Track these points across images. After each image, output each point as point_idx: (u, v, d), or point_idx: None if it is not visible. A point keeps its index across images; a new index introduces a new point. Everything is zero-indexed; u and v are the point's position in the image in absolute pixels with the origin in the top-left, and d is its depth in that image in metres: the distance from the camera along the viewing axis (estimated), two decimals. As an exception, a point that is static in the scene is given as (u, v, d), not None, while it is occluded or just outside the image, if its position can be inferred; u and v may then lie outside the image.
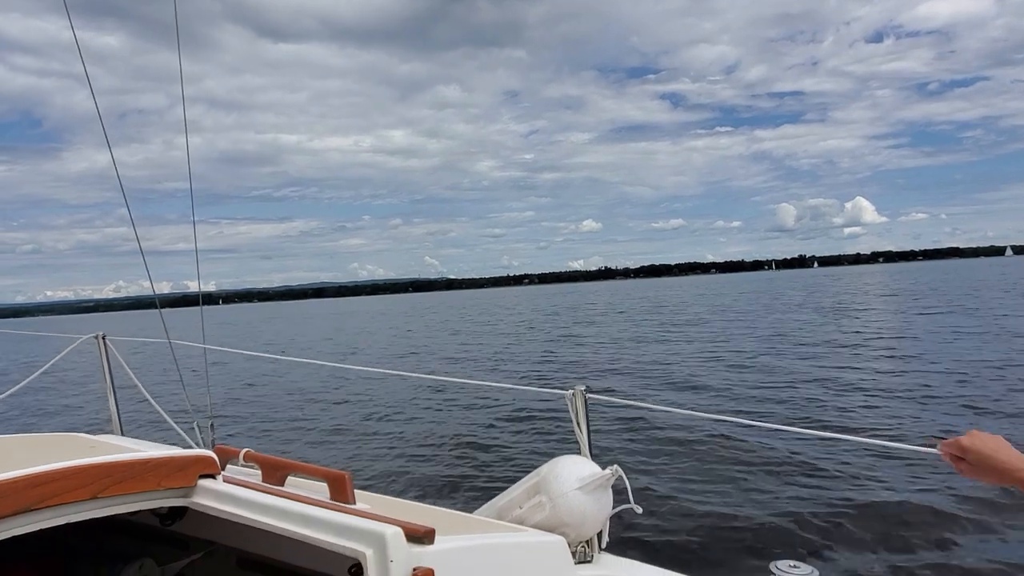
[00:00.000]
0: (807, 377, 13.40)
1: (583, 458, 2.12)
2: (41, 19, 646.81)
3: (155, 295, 3.60)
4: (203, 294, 3.67)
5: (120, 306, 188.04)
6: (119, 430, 3.51)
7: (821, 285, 75.81)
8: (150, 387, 3.65)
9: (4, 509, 1.46)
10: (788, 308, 37.02)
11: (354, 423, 13.04)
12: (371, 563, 1.39)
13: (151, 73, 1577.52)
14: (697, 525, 6.12)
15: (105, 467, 1.66)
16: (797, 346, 18.85)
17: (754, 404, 11.59)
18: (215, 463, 1.88)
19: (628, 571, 1.95)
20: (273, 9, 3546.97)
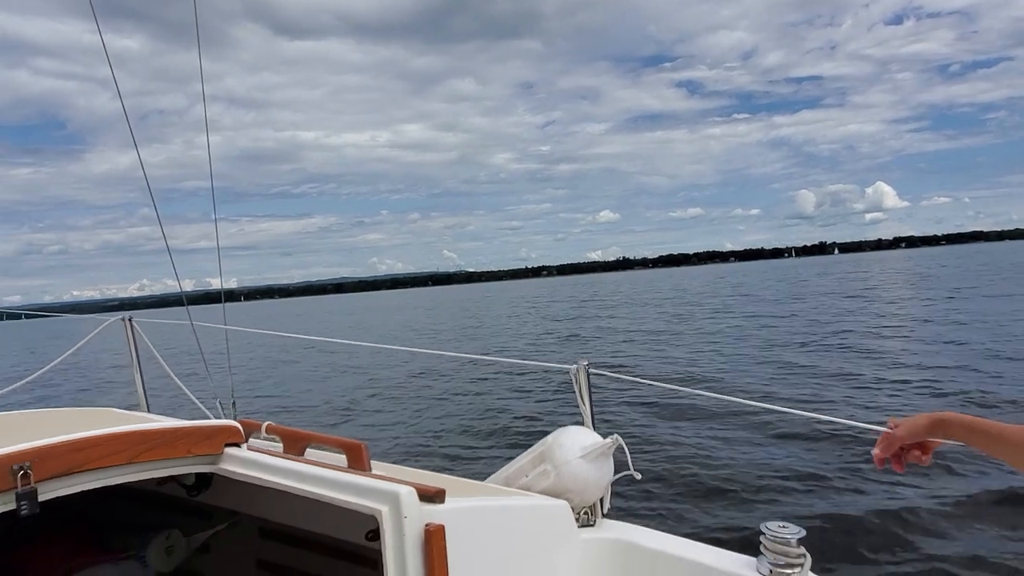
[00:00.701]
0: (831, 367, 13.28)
1: (586, 429, 2.21)
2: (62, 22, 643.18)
3: (181, 291, 3.76)
4: (225, 291, 3.81)
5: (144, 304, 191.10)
6: (145, 408, 3.66)
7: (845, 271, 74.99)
8: (174, 368, 3.80)
9: (47, 472, 1.57)
10: (815, 294, 36.70)
11: (369, 399, 13.50)
12: (386, 520, 1.49)
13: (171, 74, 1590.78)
14: (692, 491, 6.55)
15: (139, 434, 1.77)
16: (818, 333, 18.67)
17: (759, 387, 11.84)
18: (240, 432, 1.99)
19: (628, 534, 2.04)
20: (290, 6, 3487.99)
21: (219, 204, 3.41)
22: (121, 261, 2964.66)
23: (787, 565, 1.68)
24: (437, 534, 1.50)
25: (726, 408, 9.53)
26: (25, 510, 1.53)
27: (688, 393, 9.80)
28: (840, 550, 5.10)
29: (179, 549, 2.57)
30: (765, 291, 44.23)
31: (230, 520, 2.53)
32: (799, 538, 1.70)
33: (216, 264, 3.77)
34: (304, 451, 2.05)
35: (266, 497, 2.30)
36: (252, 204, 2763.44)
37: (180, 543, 2.58)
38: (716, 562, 1.82)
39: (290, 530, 2.35)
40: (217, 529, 2.54)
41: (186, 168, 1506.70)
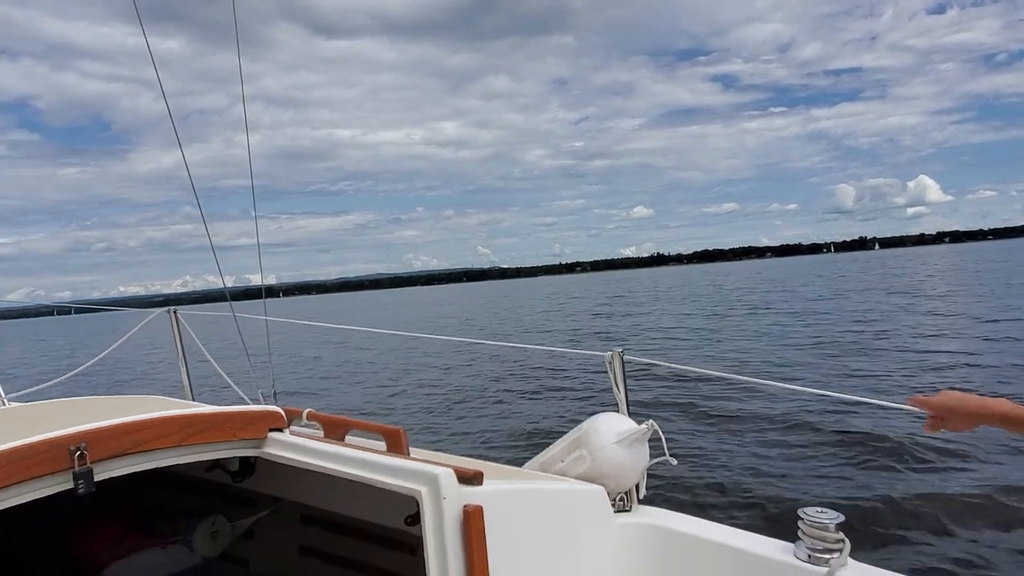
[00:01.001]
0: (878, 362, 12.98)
1: (621, 415, 2.22)
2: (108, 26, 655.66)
3: (224, 287, 3.87)
4: (264, 287, 3.91)
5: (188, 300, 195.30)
6: (190, 396, 3.76)
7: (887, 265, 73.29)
8: (216, 360, 3.90)
9: (102, 453, 1.64)
10: (857, 290, 35.81)
11: (406, 388, 13.75)
12: (426, 500, 1.52)
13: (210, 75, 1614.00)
14: (728, 477, 6.52)
15: (188, 418, 1.83)
16: (862, 331, 18.07)
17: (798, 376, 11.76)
18: (282, 417, 2.04)
19: (664, 520, 2.04)
20: (326, 6, 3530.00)
21: (258, 202, 3.49)
22: (164, 258, 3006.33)
23: (825, 550, 1.67)
24: (475, 515, 1.52)
25: (761, 394, 9.56)
26: (82, 489, 1.59)
27: (722, 379, 10.09)
28: (880, 535, 5.06)
29: (224, 534, 2.64)
30: (804, 287, 43.33)
31: (272, 507, 2.59)
32: (837, 523, 1.68)
33: (256, 260, 3.86)
34: (344, 437, 2.09)
35: (307, 484, 2.35)
36: (290, 202, 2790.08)
37: (225, 529, 2.65)
38: (753, 547, 1.81)
39: (331, 516, 2.40)
40: (260, 515, 2.60)
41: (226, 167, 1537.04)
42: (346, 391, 14.29)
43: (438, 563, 1.51)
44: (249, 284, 6.50)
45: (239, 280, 4.05)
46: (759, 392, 9.66)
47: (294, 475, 2.34)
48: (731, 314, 26.56)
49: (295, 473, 2.29)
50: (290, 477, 2.38)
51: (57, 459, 1.57)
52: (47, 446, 1.57)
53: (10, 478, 1.50)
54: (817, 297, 32.46)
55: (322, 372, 17.69)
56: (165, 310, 4.05)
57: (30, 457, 1.54)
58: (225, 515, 2.66)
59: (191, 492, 2.76)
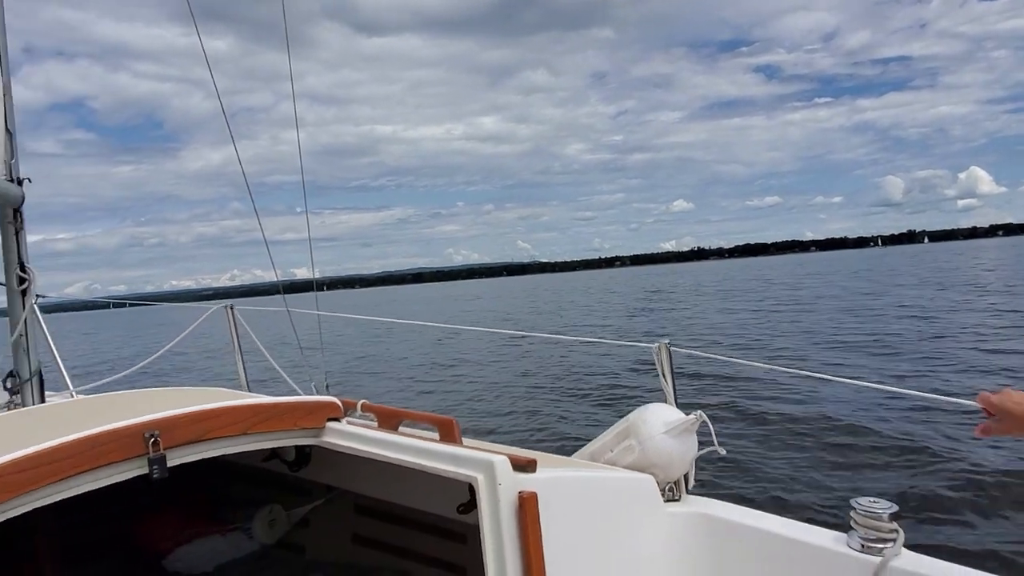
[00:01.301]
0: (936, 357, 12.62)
1: (669, 406, 2.24)
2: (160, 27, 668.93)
3: (278, 280, 3.99)
4: (308, 281, 4.01)
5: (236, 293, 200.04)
6: (246, 388, 3.88)
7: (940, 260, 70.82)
8: (271, 353, 4.02)
9: (174, 440, 1.72)
10: (912, 284, 34.48)
11: (455, 380, 13.94)
12: (482, 487, 1.56)
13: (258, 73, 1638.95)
14: (777, 468, 6.48)
15: (252, 408, 1.91)
16: (914, 326, 17.45)
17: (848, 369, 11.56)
18: (339, 408, 2.10)
19: (714, 509, 2.05)
20: (367, 5, 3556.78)
21: (302, 198, 3.60)
22: (214, 252, 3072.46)
23: (878, 540, 1.66)
24: (530, 501, 1.56)
25: (810, 387, 9.47)
26: (156, 474, 1.67)
27: (770, 370, 10.01)
28: (934, 526, 4.99)
29: (280, 523, 2.74)
30: (854, 281, 41.99)
31: (327, 496, 2.67)
32: (891, 513, 1.68)
33: (301, 255, 3.96)
34: (397, 427, 2.15)
35: (361, 474, 2.42)
36: (333, 197, 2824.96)
37: (281, 517, 2.74)
38: (804, 536, 1.81)
39: (383, 505, 2.46)
40: (315, 504, 2.68)
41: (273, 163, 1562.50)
42: (394, 383, 14.53)
43: (494, 548, 1.54)
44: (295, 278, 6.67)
45: (285, 274, 4.17)
46: (808, 386, 9.59)
47: (348, 465, 2.41)
48: (781, 309, 25.97)
49: (349, 463, 2.35)
50: (344, 467, 2.44)
51: (133, 445, 1.65)
52: (124, 433, 1.65)
53: (90, 463, 1.58)
54: (869, 292, 31.48)
55: (370, 364, 18.01)
56: (222, 306, 4.18)
57: (108, 443, 1.62)
58: (282, 504, 2.74)
59: (249, 482, 2.86)
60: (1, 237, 2.72)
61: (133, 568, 2.65)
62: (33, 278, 2.73)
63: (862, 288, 34.68)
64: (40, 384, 2.77)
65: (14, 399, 2.73)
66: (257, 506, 2.73)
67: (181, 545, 2.63)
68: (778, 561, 1.83)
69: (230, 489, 2.90)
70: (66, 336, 54.56)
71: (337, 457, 2.09)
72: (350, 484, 2.53)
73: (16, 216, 2.72)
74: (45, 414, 2.44)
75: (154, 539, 2.68)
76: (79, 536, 2.59)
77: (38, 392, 2.77)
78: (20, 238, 2.74)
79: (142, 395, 2.59)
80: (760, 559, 1.87)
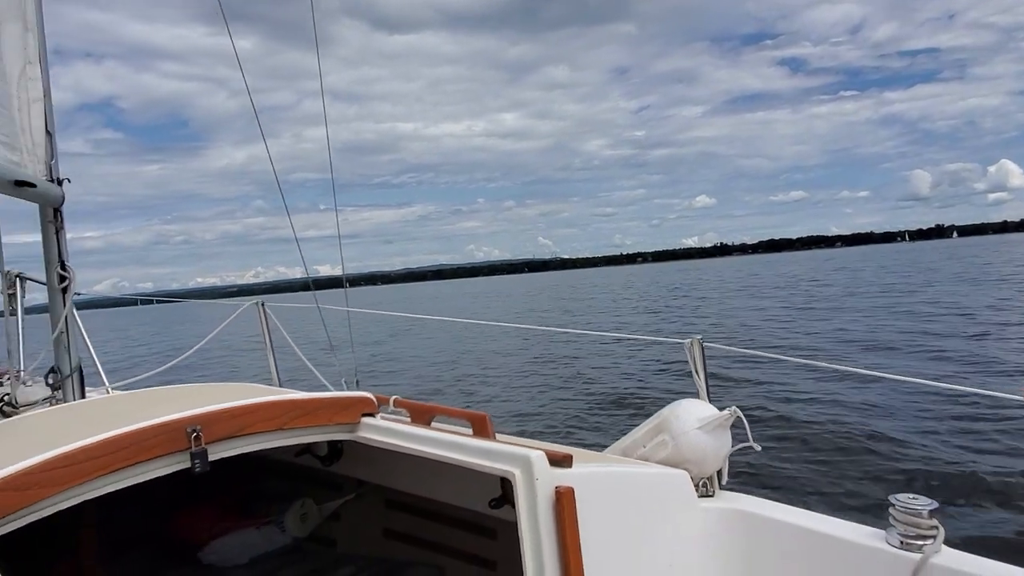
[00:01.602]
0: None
1: (702, 401, 2.23)
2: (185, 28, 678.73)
3: (309, 277, 4.04)
4: (331, 278, 4.04)
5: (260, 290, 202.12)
6: (277, 384, 3.93)
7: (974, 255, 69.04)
8: (301, 349, 4.07)
9: (215, 435, 1.75)
10: (950, 280, 33.23)
11: (486, 376, 13.98)
12: (519, 481, 1.57)
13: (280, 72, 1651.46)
14: (814, 464, 6.42)
15: (288, 403, 1.94)
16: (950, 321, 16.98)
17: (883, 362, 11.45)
18: (374, 403, 2.13)
19: (748, 505, 2.04)
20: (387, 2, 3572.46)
21: (325, 195, 3.64)
22: (237, 250, 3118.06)
23: (918, 537, 1.64)
24: (567, 496, 1.56)
25: (845, 382, 9.39)
26: (198, 468, 1.71)
27: (805, 365, 9.92)
28: (976, 524, 4.92)
29: (312, 517, 2.78)
30: (886, 276, 40.89)
31: (358, 491, 2.70)
32: (931, 510, 1.65)
33: (324, 251, 3.99)
34: (430, 422, 2.16)
35: (392, 469, 2.44)
36: (355, 194, 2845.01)
37: (313, 511, 2.78)
38: (841, 533, 1.80)
39: (415, 500, 2.48)
40: (347, 499, 2.71)
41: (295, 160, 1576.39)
42: (425, 378, 14.65)
43: (532, 543, 1.55)
44: (318, 275, 6.75)
45: (309, 271, 4.22)
46: (844, 382, 9.48)
47: (379, 460, 2.43)
48: (814, 306, 25.23)
49: (380, 458, 2.38)
50: (376, 462, 2.47)
51: (175, 440, 1.68)
52: (167, 428, 1.68)
53: (136, 457, 1.62)
54: (904, 288, 30.52)
55: (400, 360, 18.13)
56: (253, 303, 4.24)
57: (153, 438, 1.66)
58: (313, 498, 2.78)
59: (282, 476, 2.90)
60: (43, 236, 2.78)
61: (169, 560, 2.70)
62: (73, 276, 2.80)
63: (895, 284, 33.80)
64: (80, 380, 2.83)
65: (56, 394, 2.79)
66: (290, 500, 2.76)
67: (216, 538, 2.68)
68: (814, 557, 1.82)
69: (263, 483, 2.95)
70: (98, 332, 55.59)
71: (368, 452, 2.12)
72: (381, 479, 2.55)
73: (56, 216, 2.79)
74: (87, 409, 2.49)
75: (190, 532, 2.73)
76: (117, 530, 2.65)
77: (79, 388, 2.83)
78: (60, 237, 2.80)
79: (179, 391, 2.64)
80: (795, 555, 1.86)
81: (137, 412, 1.84)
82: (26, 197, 2.62)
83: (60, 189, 2.78)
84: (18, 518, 1.44)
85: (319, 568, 2.51)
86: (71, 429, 1.81)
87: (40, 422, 2.35)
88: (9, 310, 3.19)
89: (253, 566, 2.60)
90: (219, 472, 1.82)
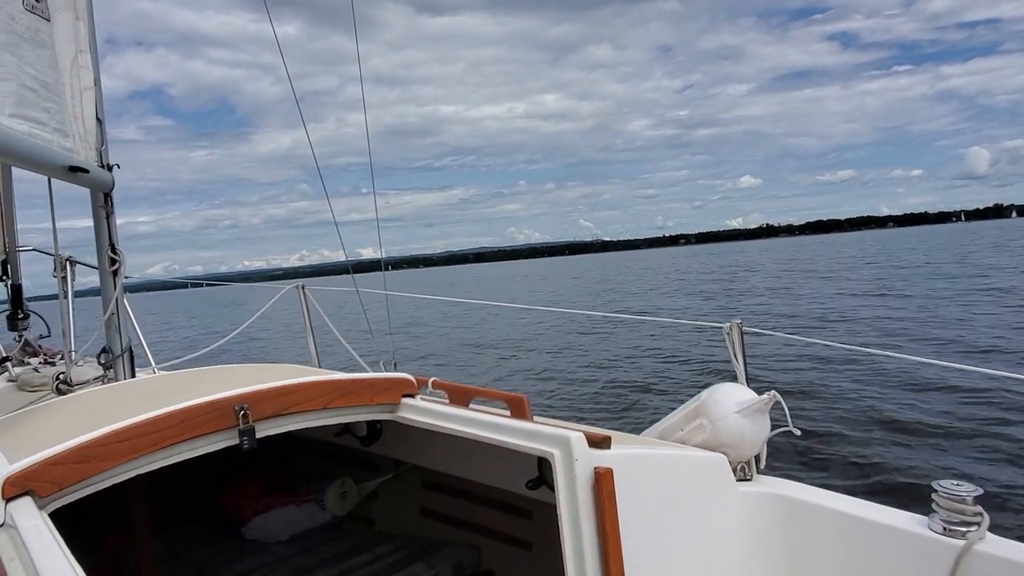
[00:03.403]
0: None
1: (741, 385, 2.21)
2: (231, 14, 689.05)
3: (347, 261, 4.09)
4: (373, 261, 4.09)
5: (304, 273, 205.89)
6: (317, 365, 4.01)
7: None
8: (341, 332, 4.14)
9: (261, 413, 1.80)
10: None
11: (524, 359, 14.04)
12: (558, 462, 1.59)
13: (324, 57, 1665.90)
14: (855, 450, 6.33)
15: (333, 383, 1.98)
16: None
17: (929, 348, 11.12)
18: (414, 384, 2.16)
19: (787, 489, 2.02)
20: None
21: (368, 178, 3.67)
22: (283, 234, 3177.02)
23: (962, 523, 1.61)
24: (606, 476, 1.58)
25: (888, 367, 9.27)
26: (247, 445, 1.76)
27: (846, 350, 9.77)
28: (1022, 510, 4.81)
29: (351, 495, 2.85)
30: (955, 260, 37.23)
31: (395, 471, 2.75)
32: (975, 496, 1.62)
33: (366, 235, 4.03)
34: (468, 404, 2.19)
35: (430, 449, 2.48)
36: (397, 178, 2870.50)
37: (352, 490, 2.85)
38: (882, 518, 1.77)
39: (452, 480, 2.51)
40: (384, 478, 2.77)
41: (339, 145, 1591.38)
42: (463, 361, 14.80)
43: (571, 523, 1.57)
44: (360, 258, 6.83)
45: (351, 254, 4.27)
46: (886, 367, 9.33)
47: (417, 441, 2.47)
48: (874, 291, 23.05)
49: (418, 439, 2.41)
50: (413, 443, 2.51)
51: (224, 417, 1.74)
52: (217, 406, 1.74)
53: (187, 433, 1.68)
54: (974, 272, 27.62)
55: (438, 343, 18.34)
56: (294, 286, 4.31)
57: (203, 415, 1.71)
58: (352, 478, 2.85)
59: (323, 456, 2.98)
60: (94, 221, 2.87)
61: (214, 535, 2.79)
62: (123, 259, 2.88)
63: (971, 269, 30.38)
64: (131, 360, 2.93)
65: (108, 374, 2.89)
66: (330, 479, 2.83)
67: (259, 514, 2.76)
68: (853, 542, 1.80)
69: (305, 463, 3.02)
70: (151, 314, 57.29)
71: (406, 433, 2.15)
72: (418, 459, 2.59)
73: (107, 201, 2.87)
74: (138, 388, 2.58)
75: (234, 509, 2.82)
76: (166, 505, 2.74)
77: (129, 367, 2.93)
78: (111, 222, 2.89)
79: (226, 371, 2.71)
80: (834, 540, 1.84)
81: (186, 391, 1.90)
82: (79, 183, 2.70)
83: (110, 175, 2.86)
84: (77, 490, 1.51)
85: (357, 545, 2.57)
86: (125, 406, 1.88)
87: (95, 400, 2.44)
88: (62, 293, 3.31)
89: (294, 542, 2.68)
90: (263, 451, 1.87)
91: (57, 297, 3.43)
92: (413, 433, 2.12)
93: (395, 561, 2.42)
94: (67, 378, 2.88)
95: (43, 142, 2.41)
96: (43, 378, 3.15)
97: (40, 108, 2.45)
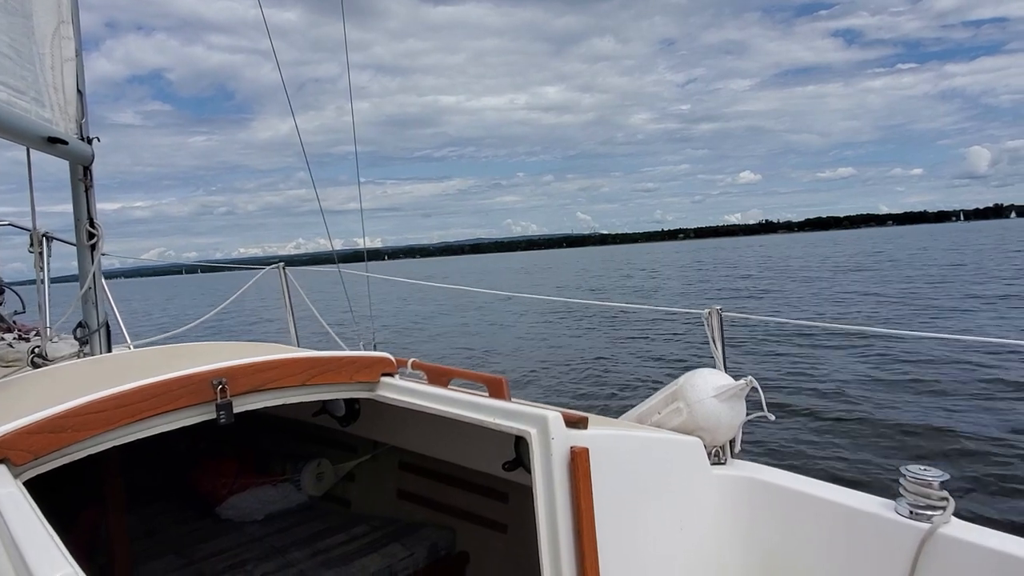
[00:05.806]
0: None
1: (718, 371, 2.20)
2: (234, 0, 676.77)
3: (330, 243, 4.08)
4: (369, 250, 4.07)
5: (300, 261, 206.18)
6: (296, 344, 4.00)
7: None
8: (324, 317, 4.14)
9: (239, 388, 1.79)
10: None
11: (504, 343, 14.15)
12: (535, 441, 1.58)
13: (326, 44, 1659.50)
14: (827, 436, 6.44)
15: (312, 360, 1.97)
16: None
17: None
18: (393, 363, 2.15)
19: (760, 473, 2.02)
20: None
21: (365, 168, 3.64)
22: (280, 221, 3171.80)
23: (928, 507, 1.62)
24: (582, 456, 1.57)
25: (863, 354, 9.44)
26: (223, 420, 1.74)
27: (822, 329, 9.96)
28: (987, 497, 4.89)
29: (328, 476, 2.84)
30: (961, 263, 36.32)
31: (373, 452, 2.75)
32: (942, 481, 1.63)
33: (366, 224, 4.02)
34: (447, 384, 2.18)
35: (408, 431, 2.47)
36: (396, 167, 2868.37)
37: (329, 471, 2.85)
38: (851, 501, 1.78)
39: (429, 462, 2.51)
40: (361, 460, 2.77)
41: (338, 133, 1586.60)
42: (444, 345, 14.90)
43: (546, 502, 1.57)
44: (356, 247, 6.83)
45: (347, 243, 4.24)
46: (861, 354, 9.49)
47: (395, 422, 2.46)
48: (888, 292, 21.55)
49: (396, 420, 2.40)
50: (391, 424, 2.50)
51: (202, 391, 1.72)
52: (194, 379, 1.73)
53: (163, 406, 1.66)
54: (981, 277, 25.92)
55: (420, 328, 18.46)
56: (274, 266, 4.31)
57: (180, 388, 1.70)
58: (329, 459, 2.85)
59: (299, 436, 2.97)
60: (72, 194, 2.84)
61: (189, 513, 2.79)
62: (101, 234, 2.86)
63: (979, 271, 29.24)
64: (107, 335, 2.91)
65: (84, 348, 2.88)
66: (306, 460, 2.83)
67: (234, 494, 2.75)
68: (823, 525, 1.80)
69: (281, 443, 3.01)
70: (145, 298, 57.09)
71: (385, 413, 2.13)
72: (396, 441, 2.58)
73: (86, 174, 2.84)
74: (114, 362, 2.56)
75: (209, 487, 2.81)
76: (141, 481, 2.73)
77: (106, 342, 2.91)
78: (90, 195, 2.86)
79: (203, 347, 2.70)
80: (805, 523, 1.85)
81: (164, 365, 1.88)
82: (57, 154, 2.67)
83: (90, 147, 2.83)
84: (51, 460, 1.50)
85: (333, 526, 2.57)
86: (101, 379, 1.86)
87: (71, 372, 2.42)
88: (38, 269, 3.28)
89: (269, 522, 2.67)
90: (240, 430, 1.85)
91: (34, 281, 3.40)
92: (391, 414, 2.10)
93: (370, 542, 2.41)
94: (43, 352, 2.86)
95: (20, 111, 2.38)
96: (17, 353, 3.14)
97: (18, 76, 2.41)
